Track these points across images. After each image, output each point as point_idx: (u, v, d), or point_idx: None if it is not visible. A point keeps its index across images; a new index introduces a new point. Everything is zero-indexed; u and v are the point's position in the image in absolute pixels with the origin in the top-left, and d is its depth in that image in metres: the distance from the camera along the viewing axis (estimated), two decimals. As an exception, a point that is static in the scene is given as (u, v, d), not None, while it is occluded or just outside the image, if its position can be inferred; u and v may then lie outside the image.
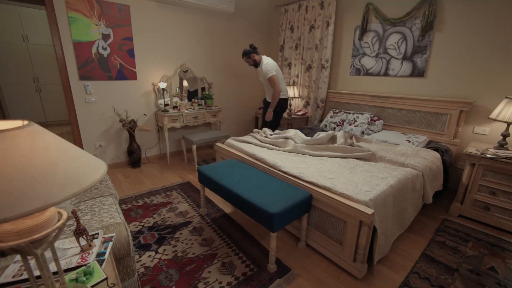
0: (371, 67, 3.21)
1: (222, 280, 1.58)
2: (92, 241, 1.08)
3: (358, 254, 1.58)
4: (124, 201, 2.51)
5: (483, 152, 2.10)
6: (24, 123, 0.60)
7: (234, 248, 1.86)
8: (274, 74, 2.89)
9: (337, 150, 2.36)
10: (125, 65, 3.16)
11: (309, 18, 3.65)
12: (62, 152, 0.61)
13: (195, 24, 3.63)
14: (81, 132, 3.06)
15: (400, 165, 2.09)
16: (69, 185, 0.56)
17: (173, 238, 1.97)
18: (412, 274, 1.65)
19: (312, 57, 3.73)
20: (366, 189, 1.65)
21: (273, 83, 2.89)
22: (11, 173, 0.51)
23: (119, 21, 3.01)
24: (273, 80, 2.89)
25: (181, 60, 3.61)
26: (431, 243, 1.96)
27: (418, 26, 2.71)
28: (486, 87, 2.41)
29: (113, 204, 1.59)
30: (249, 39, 4.26)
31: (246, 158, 2.35)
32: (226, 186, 1.85)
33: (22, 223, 0.61)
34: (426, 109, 2.73)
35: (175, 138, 3.84)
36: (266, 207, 1.54)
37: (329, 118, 3.40)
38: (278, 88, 2.92)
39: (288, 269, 1.69)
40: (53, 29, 2.68)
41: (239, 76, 4.35)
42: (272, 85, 2.92)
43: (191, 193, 2.70)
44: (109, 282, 0.90)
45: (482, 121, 2.47)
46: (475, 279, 1.61)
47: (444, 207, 2.47)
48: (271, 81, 2.90)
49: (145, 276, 1.60)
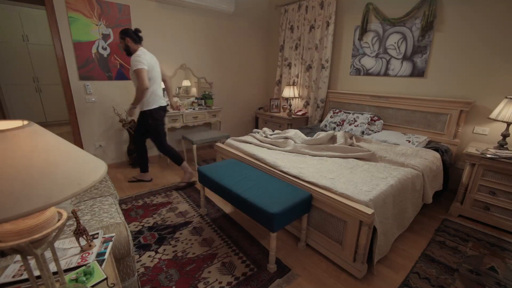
0: (371, 67, 3.21)
1: (222, 280, 1.58)
2: (92, 241, 1.07)
3: (358, 254, 1.58)
4: (124, 201, 2.51)
5: (483, 152, 2.10)
6: (24, 123, 0.60)
7: (234, 248, 1.86)
8: (144, 68, 2.39)
9: (337, 150, 2.36)
10: (125, 65, 3.16)
11: (309, 18, 3.65)
12: (62, 152, 0.61)
13: (195, 24, 3.63)
14: (81, 132, 3.06)
15: (400, 165, 2.09)
16: (69, 185, 0.56)
17: (173, 238, 1.97)
18: (412, 274, 1.65)
19: (312, 57, 3.73)
20: (366, 189, 1.65)
21: (139, 76, 2.38)
22: (11, 173, 0.51)
23: (119, 21, 3.01)
24: (139, 73, 2.38)
25: (181, 60, 3.61)
26: (431, 243, 1.96)
27: (418, 26, 2.71)
28: (486, 87, 2.41)
29: (113, 204, 1.59)
30: (249, 39, 4.27)
31: (246, 158, 2.35)
32: (226, 186, 1.85)
33: (22, 223, 0.61)
34: (426, 109, 2.73)
35: (175, 138, 3.84)
36: (266, 207, 1.54)
37: (329, 118, 3.40)
38: (144, 84, 2.40)
39: (288, 269, 1.69)
40: (53, 29, 2.68)
41: (239, 76, 4.35)
42: (137, 79, 2.41)
43: (191, 193, 2.70)
44: (109, 282, 0.90)
45: (482, 121, 2.47)
46: (475, 279, 1.61)
47: (444, 207, 2.47)
48: (136, 74, 2.39)
49: (145, 276, 1.60)
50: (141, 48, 2.52)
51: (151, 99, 2.58)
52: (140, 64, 2.38)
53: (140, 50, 2.48)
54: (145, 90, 2.44)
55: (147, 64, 2.45)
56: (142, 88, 2.41)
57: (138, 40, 2.53)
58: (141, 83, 2.39)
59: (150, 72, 2.51)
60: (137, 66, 2.38)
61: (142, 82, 2.39)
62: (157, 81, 2.63)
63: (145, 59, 2.43)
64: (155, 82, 2.59)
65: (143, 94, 2.46)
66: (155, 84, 2.59)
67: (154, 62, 2.60)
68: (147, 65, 2.45)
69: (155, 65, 2.61)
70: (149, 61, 2.50)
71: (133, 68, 2.40)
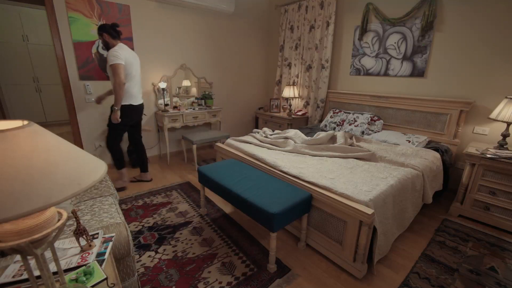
0: (371, 67, 3.21)
1: (222, 280, 1.58)
2: (92, 241, 1.07)
3: (358, 254, 1.58)
4: (124, 201, 2.51)
5: (483, 152, 2.10)
6: (24, 123, 0.60)
7: (234, 248, 1.86)
8: (120, 63, 2.34)
9: (337, 150, 2.36)
10: (125, 65, 3.16)
11: (309, 18, 3.65)
12: (62, 152, 0.61)
13: (195, 24, 3.63)
14: (81, 132, 3.06)
15: (400, 165, 2.09)
16: (69, 185, 0.56)
17: (173, 238, 1.97)
18: (412, 274, 1.65)
19: (312, 57, 3.73)
20: (366, 189, 1.65)
21: (115, 72, 2.32)
22: (11, 173, 0.51)
23: (119, 21, 3.01)
24: (115, 68, 2.32)
25: (181, 60, 3.61)
26: (431, 243, 1.96)
27: (418, 26, 2.71)
28: (486, 87, 2.41)
29: (113, 204, 1.59)
30: (249, 39, 4.27)
31: (246, 158, 2.35)
32: (226, 186, 1.85)
33: (22, 223, 0.61)
34: (426, 109, 2.73)
35: (175, 138, 3.84)
36: (266, 207, 1.54)
37: (329, 118, 3.40)
38: (121, 79, 2.34)
39: (288, 269, 1.69)
40: (53, 29, 2.68)
41: (239, 76, 4.35)
42: (113, 74, 2.35)
43: (191, 193, 2.70)
44: (109, 282, 0.90)
45: (482, 121, 2.47)
46: (475, 279, 1.61)
47: (444, 207, 2.47)
48: (112, 69, 2.33)
49: (145, 276, 1.60)
50: (120, 44, 2.46)
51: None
52: (116, 59, 2.33)
53: (118, 46, 2.42)
54: (122, 85, 2.38)
55: (125, 59, 2.40)
56: (119, 82, 2.34)
57: (117, 36, 2.46)
58: (117, 78, 2.33)
59: (127, 69, 2.45)
60: (113, 61, 2.32)
61: (118, 76, 2.33)
62: (134, 80, 2.56)
63: (122, 54, 2.37)
64: (132, 80, 2.52)
65: (121, 90, 2.38)
66: (131, 82, 2.52)
67: (133, 59, 2.54)
68: (125, 60, 2.39)
69: (134, 63, 2.55)
70: (127, 58, 2.44)
71: (109, 63, 2.35)
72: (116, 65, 2.32)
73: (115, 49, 2.36)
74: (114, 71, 2.33)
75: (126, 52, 2.44)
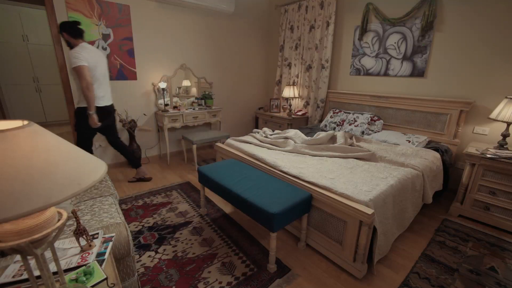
0: (371, 67, 3.21)
1: (222, 280, 1.58)
2: (92, 241, 1.07)
3: (358, 254, 1.58)
4: (124, 201, 2.51)
5: (483, 152, 2.10)
6: (24, 123, 0.60)
7: (234, 248, 1.86)
8: (83, 65, 2.22)
9: (337, 150, 2.36)
10: (125, 65, 3.16)
11: (309, 18, 3.65)
12: (62, 152, 0.61)
13: (195, 24, 3.63)
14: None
15: (400, 165, 2.09)
16: (69, 185, 0.56)
17: (173, 238, 1.97)
18: (412, 274, 1.65)
19: (312, 57, 3.73)
20: (366, 189, 1.65)
21: (79, 74, 2.22)
22: (11, 173, 0.51)
23: (119, 21, 3.01)
24: (79, 70, 2.21)
25: (181, 60, 3.61)
26: (431, 243, 1.96)
27: (418, 26, 2.71)
28: (486, 87, 2.41)
29: (113, 204, 1.59)
30: (249, 39, 4.27)
31: (246, 158, 2.35)
32: (226, 186, 1.85)
33: (22, 223, 0.61)
34: (426, 109, 2.73)
35: (175, 138, 3.84)
36: (266, 207, 1.54)
37: (329, 118, 3.40)
38: (87, 80, 2.23)
39: (288, 269, 1.69)
40: (53, 29, 2.68)
41: (239, 76, 4.35)
42: (78, 77, 2.25)
43: (191, 193, 2.70)
44: (109, 282, 0.90)
45: (482, 121, 2.47)
46: (475, 279, 1.61)
47: (444, 207, 2.47)
48: (76, 72, 2.23)
49: (145, 276, 1.60)
50: (81, 44, 2.32)
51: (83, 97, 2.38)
52: (78, 61, 2.21)
53: (80, 46, 2.29)
54: (91, 86, 2.27)
55: (88, 60, 2.27)
56: (86, 84, 2.24)
57: (78, 34, 2.32)
58: (83, 80, 2.23)
59: (92, 70, 2.33)
60: (76, 63, 2.21)
61: (84, 78, 2.23)
62: (98, 81, 2.43)
63: (83, 55, 2.25)
64: (95, 81, 2.39)
65: (90, 91, 2.27)
66: (95, 84, 2.38)
67: (98, 59, 2.42)
68: (88, 62, 2.27)
69: (99, 63, 2.43)
70: (91, 58, 2.32)
71: (72, 66, 2.23)
72: (79, 67, 2.21)
73: (75, 50, 2.25)
74: (79, 74, 2.23)
75: (88, 53, 2.32)
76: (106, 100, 2.55)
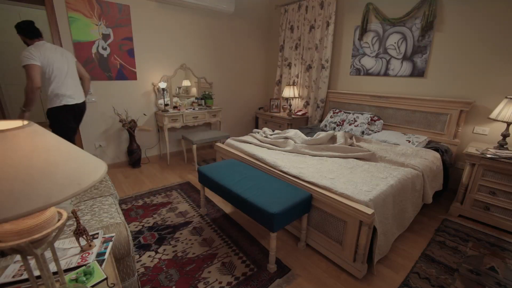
0: (371, 67, 3.21)
1: (222, 280, 1.58)
2: (92, 241, 1.07)
3: (358, 254, 1.58)
4: (124, 201, 2.51)
5: (483, 152, 2.10)
6: (24, 123, 0.60)
7: (234, 248, 1.86)
8: (34, 64, 2.10)
9: (337, 150, 2.36)
10: (125, 65, 3.16)
11: (309, 18, 3.65)
12: (62, 152, 0.61)
13: (195, 24, 3.63)
14: (81, 132, 3.06)
15: (400, 165, 2.09)
16: (69, 185, 0.56)
17: (173, 238, 1.97)
18: (412, 274, 1.65)
19: (312, 57, 3.73)
20: (366, 189, 1.65)
21: (28, 74, 2.09)
22: (11, 173, 0.51)
23: (119, 21, 3.01)
24: (27, 70, 2.08)
25: (181, 60, 3.61)
26: (431, 243, 1.96)
27: (418, 26, 2.71)
28: (486, 87, 2.41)
29: (113, 204, 1.59)
30: (249, 39, 4.27)
31: (246, 158, 2.35)
32: (226, 186, 1.85)
33: (22, 223, 0.61)
34: (426, 109, 2.73)
35: (175, 138, 3.84)
36: (266, 207, 1.54)
37: (329, 118, 3.40)
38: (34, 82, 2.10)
39: (288, 269, 1.69)
40: (53, 29, 2.68)
41: (239, 76, 4.35)
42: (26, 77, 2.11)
43: (191, 193, 2.70)
44: (109, 282, 0.90)
45: (482, 121, 2.47)
46: (475, 279, 1.61)
47: (444, 207, 2.47)
48: (25, 71, 2.10)
49: (145, 276, 1.60)
50: (36, 43, 2.21)
51: (50, 97, 2.30)
52: (27, 60, 2.08)
53: (34, 45, 2.18)
54: (36, 90, 2.12)
55: (41, 59, 2.14)
56: (31, 87, 2.09)
57: (33, 35, 2.22)
58: (30, 81, 2.09)
59: (48, 69, 2.21)
60: (24, 62, 2.08)
61: (31, 79, 2.09)
62: (58, 78, 2.29)
63: (36, 54, 2.12)
64: (56, 80, 2.27)
65: (33, 94, 2.12)
66: (56, 83, 2.27)
67: (56, 57, 2.28)
68: (41, 61, 2.14)
69: (58, 61, 2.28)
70: (46, 56, 2.19)
71: (21, 64, 2.10)
72: (27, 66, 2.08)
73: (28, 49, 2.13)
74: (26, 73, 2.09)
75: (43, 51, 2.18)
76: (77, 98, 2.44)
